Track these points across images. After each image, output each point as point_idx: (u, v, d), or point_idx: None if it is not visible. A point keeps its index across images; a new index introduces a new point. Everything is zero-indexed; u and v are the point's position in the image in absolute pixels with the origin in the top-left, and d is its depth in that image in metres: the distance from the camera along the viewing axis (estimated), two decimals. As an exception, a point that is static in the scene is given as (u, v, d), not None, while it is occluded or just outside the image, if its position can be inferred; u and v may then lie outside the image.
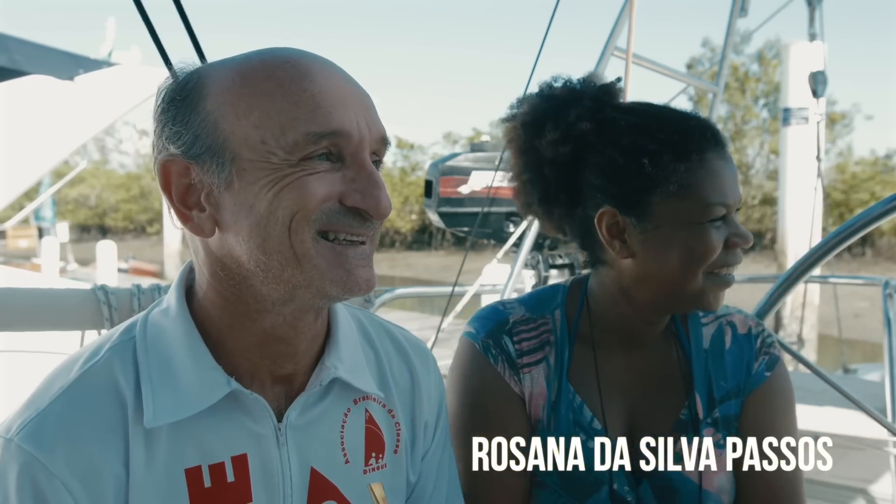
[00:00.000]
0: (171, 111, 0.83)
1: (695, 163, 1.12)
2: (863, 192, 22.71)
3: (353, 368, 0.95)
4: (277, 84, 0.80)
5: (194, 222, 0.83)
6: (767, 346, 1.26)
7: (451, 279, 2.83)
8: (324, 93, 0.81)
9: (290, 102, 0.80)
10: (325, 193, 0.80)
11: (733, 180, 1.15)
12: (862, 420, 1.94)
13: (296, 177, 0.79)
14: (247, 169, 0.80)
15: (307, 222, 0.80)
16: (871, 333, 7.90)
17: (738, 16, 3.74)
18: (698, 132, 1.15)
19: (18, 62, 4.11)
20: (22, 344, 2.11)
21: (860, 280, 4.17)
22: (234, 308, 0.86)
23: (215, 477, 0.85)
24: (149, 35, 1.48)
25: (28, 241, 18.99)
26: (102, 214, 42.58)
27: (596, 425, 1.20)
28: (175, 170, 0.83)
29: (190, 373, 0.85)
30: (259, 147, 0.79)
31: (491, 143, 3.60)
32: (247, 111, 0.80)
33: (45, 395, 0.83)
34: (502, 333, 1.23)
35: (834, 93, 29.04)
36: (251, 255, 0.81)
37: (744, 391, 1.23)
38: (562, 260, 3.32)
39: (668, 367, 1.24)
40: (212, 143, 0.80)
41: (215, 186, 0.81)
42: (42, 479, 0.78)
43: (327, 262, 0.82)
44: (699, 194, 1.12)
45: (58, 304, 1.56)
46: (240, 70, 0.82)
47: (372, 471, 0.97)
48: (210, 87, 0.82)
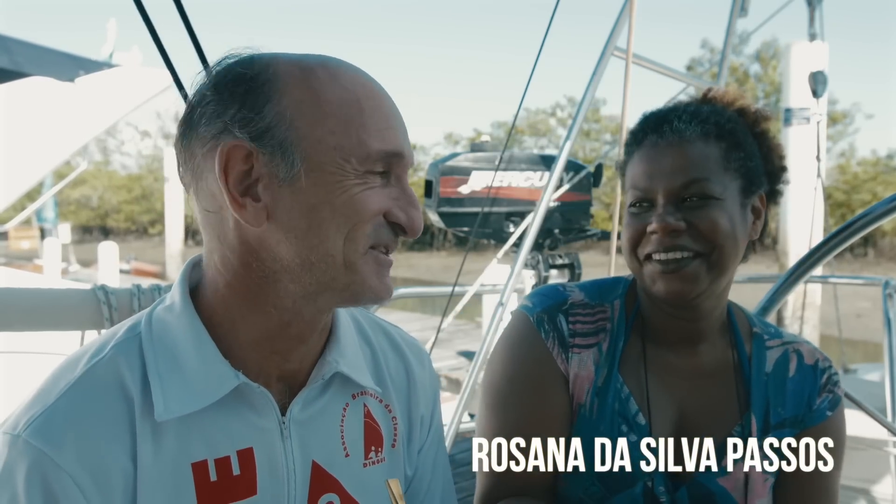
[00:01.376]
0: (240, 94, 0.82)
1: (636, 149, 1.18)
2: (864, 193, 22.70)
3: (352, 363, 0.97)
4: (355, 98, 0.83)
5: (247, 210, 0.82)
6: (833, 384, 1.24)
7: (453, 279, 2.84)
8: (389, 115, 0.86)
9: (366, 117, 0.83)
10: (378, 208, 0.84)
11: (661, 167, 1.13)
12: (862, 420, 1.93)
13: (360, 188, 0.83)
14: (315, 171, 0.81)
15: (362, 233, 0.83)
16: (872, 333, 7.87)
17: (738, 16, 3.74)
18: (652, 119, 1.18)
19: (19, 63, 4.11)
20: (22, 344, 2.11)
21: (860, 280, 4.17)
22: (252, 301, 0.87)
23: (221, 471, 0.86)
24: (149, 35, 1.49)
25: (30, 242, 19.00)
26: (104, 215, 42.65)
27: (640, 420, 1.18)
28: (239, 155, 0.82)
29: (197, 367, 0.86)
30: (332, 153, 0.82)
31: (491, 144, 3.61)
32: (324, 116, 0.82)
33: (52, 391, 0.83)
34: (558, 312, 1.23)
35: (835, 93, 29.04)
36: (298, 253, 0.83)
37: (801, 423, 1.21)
38: (562, 260, 3.32)
39: (725, 381, 1.22)
40: (284, 139, 0.81)
41: (277, 180, 0.82)
42: (51, 475, 0.78)
43: (370, 271, 0.85)
44: (628, 180, 1.18)
45: (58, 304, 1.56)
46: (316, 74, 0.84)
47: (372, 464, 0.98)
48: (287, 83, 0.83)
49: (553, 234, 3.47)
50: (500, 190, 3.32)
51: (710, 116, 1.16)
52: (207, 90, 0.84)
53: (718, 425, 1.20)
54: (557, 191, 2.94)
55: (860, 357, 9.69)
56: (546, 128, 33.48)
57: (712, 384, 1.23)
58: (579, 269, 3.48)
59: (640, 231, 1.14)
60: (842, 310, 6.03)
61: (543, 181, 3.33)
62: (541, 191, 3.00)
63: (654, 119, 1.17)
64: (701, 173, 1.11)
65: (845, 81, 49.49)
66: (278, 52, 0.87)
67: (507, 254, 3.27)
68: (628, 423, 1.19)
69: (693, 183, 1.11)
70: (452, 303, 2.92)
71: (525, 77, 2.93)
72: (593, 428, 1.19)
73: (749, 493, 1.17)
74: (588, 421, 1.20)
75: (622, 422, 1.19)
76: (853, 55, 51.12)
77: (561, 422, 1.20)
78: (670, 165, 1.12)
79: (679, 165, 1.12)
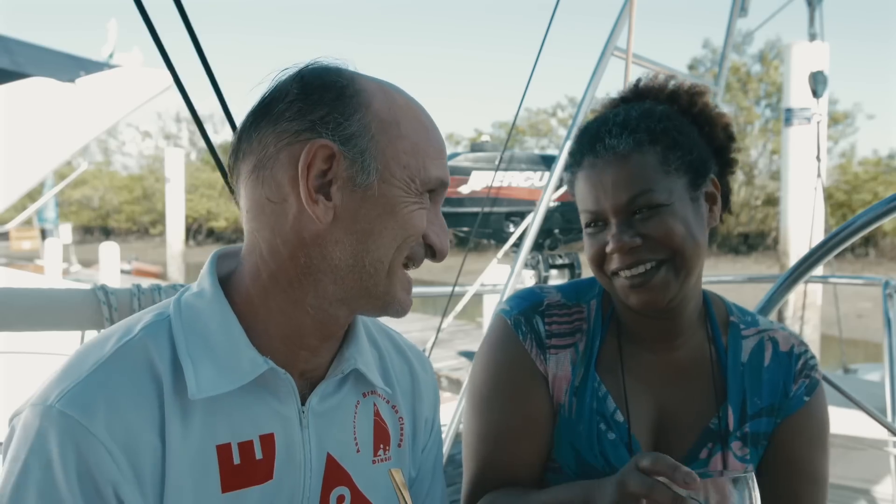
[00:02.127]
0: (330, 99, 0.88)
1: (578, 170, 1.18)
2: (865, 193, 22.68)
3: (367, 362, 1.00)
4: (422, 125, 0.92)
5: (318, 206, 0.86)
6: (809, 368, 1.24)
7: (454, 280, 2.84)
8: (442, 146, 0.95)
9: (430, 145, 0.91)
10: (423, 227, 0.91)
11: (604, 186, 1.14)
12: (862, 420, 1.93)
13: (416, 206, 0.90)
14: (388, 183, 0.88)
15: (407, 247, 0.90)
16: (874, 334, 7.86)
17: (737, 16, 3.75)
18: (586, 137, 1.18)
19: (20, 64, 4.12)
20: (22, 344, 2.11)
21: (860, 280, 4.15)
22: (292, 296, 0.90)
23: (244, 454, 0.88)
24: (149, 35, 1.49)
25: (31, 242, 19.01)
26: (105, 216, 42.71)
27: (618, 417, 1.20)
28: (323, 154, 0.86)
29: (228, 350, 0.88)
30: (402, 171, 0.89)
31: (491, 144, 3.62)
32: (399, 136, 0.89)
33: (82, 367, 0.84)
34: (535, 313, 1.25)
35: (837, 93, 29.04)
36: (353, 254, 0.88)
37: (779, 412, 1.22)
38: (562, 260, 3.33)
39: (702, 374, 1.23)
40: (366, 148, 0.87)
41: (353, 185, 0.87)
42: (84, 444, 0.79)
43: (402, 284, 0.92)
44: (578, 202, 1.20)
45: (58, 304, 1.56)
46: (392, 97, 0.91)
47: (380, 461, 1.00)
48: (373, 100, 0.89)
49: (553, 234, 3.48)
50: (500, 190, 3.33)
51: (640, 123, 1.15)
52: (294, 87, 0.88)
53: (696, 418, 1.21)
54: (557, 191, 2.94)
55: (862, 357, 9.68)
56: (547, 128, 33.51)
57: (689, 378, 1.23)
58: (579, 269, 3.48)
59: (600, 251, 1.16)
60: (843, 310, 6.03)
61: (543, 181, 3.34)
62: (541, 191, 3.00)
63: (587, 138, 1.18)
64: (643, 185, 1.12)
65: (847, 81, 49.50)
66: (361, 75, 0.93)
67: (507, 254, 3.28)
68: (606, 422, 1.20)
69: (638, 196, 1.12)
70: (452, 303, 2.92)
71: (527, 77, 2.93)
72: (572, 427, 1.21)
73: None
74: (567, 420, 1.21)
75: (600, 420, 1.20)
76: (855, 55, 51.11)
77: (542, 422, 1.22)
78: (612, 184, 1.13)
79: (620, 182, 1.13)
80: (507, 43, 76.91)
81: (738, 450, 1.20)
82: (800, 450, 1.21)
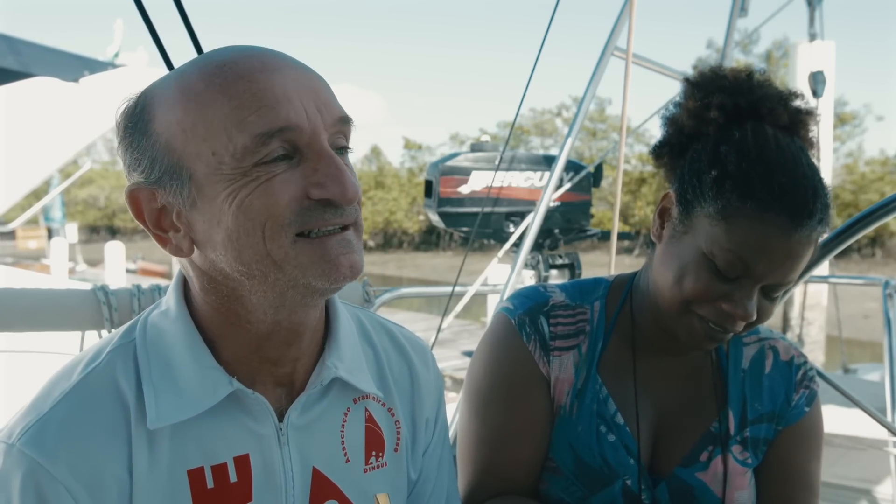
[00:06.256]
0: (128, 138, 0.83)
1: (748, 208, 1.03)
2: (872, 193, 22.60)
3: (352, 368, 0.95)
4: (216, 91, 0.78)
5: (172, 244, 0.83)
6: (808, 379, 1.26)
7: (455, 279, 2.84)
8: (265, 90, 0.78)
9: (231, 107, 0.77)
10: (291, 195, 0.78)
11: (779, 259, 1.03)
12: (862, 420, 1.93)
13: (256, 184, 0.77)
14: (205, 184, 0.79)
15: (281, 228, 0.78)
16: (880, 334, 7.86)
17: (738, 16, 3.74)
18: (785, 190, 1.03)
19: (25, 64, 4.14)
20: (22, 344, 2.12)
21: (860, 280, 4.15)
22: (227, 318, 0.86)
23: (218, 477, 0.85)
24: (149, 35, 1.49)
25: (37, 241, 19.10)
26: (111, 215, 42.79)
27: (619, 420, 1.20)
28: (143, 196, 0.83)
29: (191, 373, 0.85)
30: (211, 160, 0.78)
31: (492, 144, 3.62)
32: (193, 126, 0.78)
33: (47, 399, 0.83)
34: (539, 314, 1.23)
35: (844, 93, 28.91)
36: (231, 267, 0.81)
37: (779, 419, 1.23)
38: (562, 260, 3.33)
39: (703, 379, 1.24)
40: (168, 165, 0.80)
41: (182, 207, 0.81)
42: (45, 484, 0.78)
43: (309, 259, 0.80)
44: (729, 235, 1.04)
45: (58, 305, 1.56)
46: (179, 84, 0.81)
47: (372, 469, 0.97)
48: (156, 108, 0.81)
49: (553, 234, 3.48)
50: (501, 190, 3.33)
51: (826, 208, 1.06)
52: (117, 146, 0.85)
53: (697, 422, 1.22)
54: (557, 191, 2.94)
55: (868, 358, 9.62)
56: (552, 128, 33.47)
57: (690, 382, 1.24)
58: (579, 269, 3.48)
59: (712, 295, 1.07)
60: (850, 311, 6.01)
61: (543, 181, 3.33)
62: (541, 191, 3.00)
63: (799, 196, 1.03)
64: (798, 273, 1.07)
65: (854, 82, 49.26)
66: (164, 75, 0.85)
67: (508, 254, 3.27)
68: (606, 424, 1.20)
69: (789, 282, 1.07)
70: (453, 303, 2.92)
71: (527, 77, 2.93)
72: (571, 428, 1.20)
73: (727, 487, 1.19)
74: (567, 421, 1.21)
75: (600, 422, 1.20)
76: (863, 56, 50.88)
77: (542, 424, 1.21)
78: (780, 259, 1.04)
79: (787, 263, 1.04)
80: (512, 43, 76.87)
81: (738, 453, 1.21)
82: (798, 458, 1.23)
